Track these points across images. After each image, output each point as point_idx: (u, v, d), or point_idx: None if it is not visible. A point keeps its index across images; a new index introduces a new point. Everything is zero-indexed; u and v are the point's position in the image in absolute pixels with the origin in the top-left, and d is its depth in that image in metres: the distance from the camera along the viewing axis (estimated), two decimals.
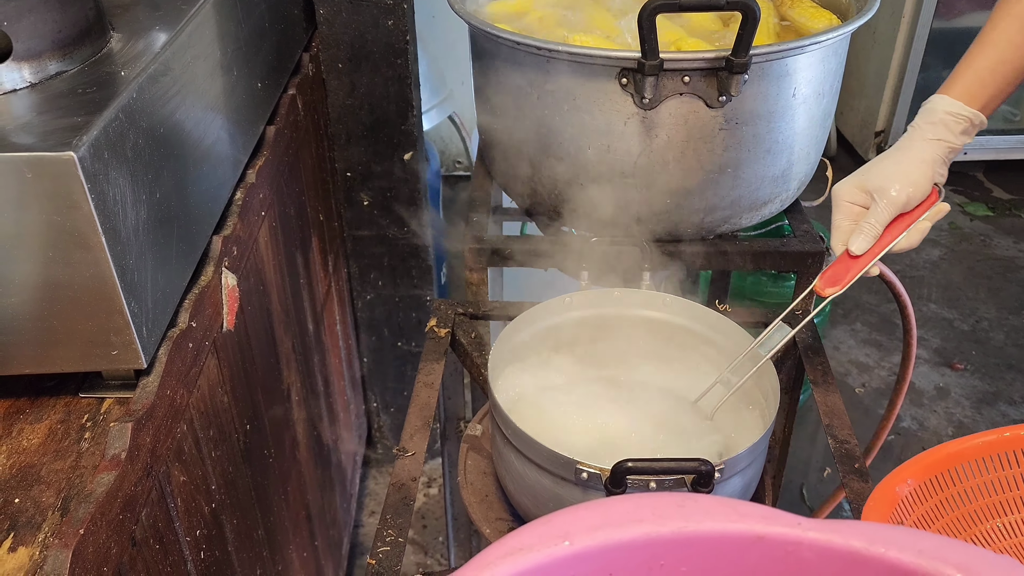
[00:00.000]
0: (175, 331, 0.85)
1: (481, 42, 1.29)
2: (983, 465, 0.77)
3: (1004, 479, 0.77)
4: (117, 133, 0.74)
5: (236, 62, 1.12)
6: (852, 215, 0.98)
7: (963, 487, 0.78)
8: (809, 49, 1.14)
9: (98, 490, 0.69)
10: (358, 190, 1.72)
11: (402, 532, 0.88)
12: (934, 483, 0.77)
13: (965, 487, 0.77)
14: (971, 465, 0.78)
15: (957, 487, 0.77)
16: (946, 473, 0.78)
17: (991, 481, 0.77)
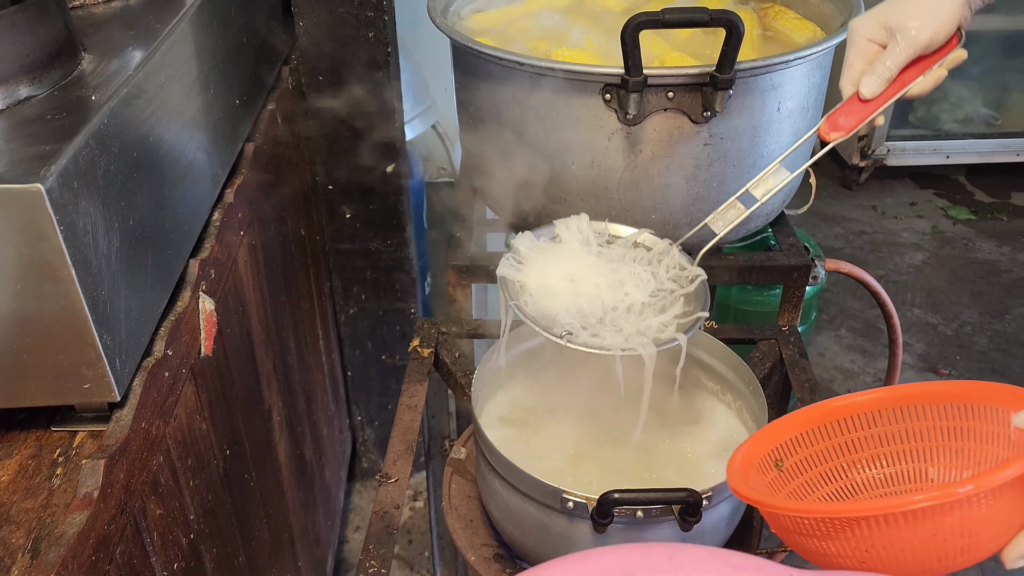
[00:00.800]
0: (150, 361, 0.83)
1: (463, 56, 1.27)
2: (870, 420, 0.79)
3: (889, 433, 0.79)
4: (87, 161, 0.72)
5: (213, 79, 1.09)
6: (868, 54, 0.89)
7: (847, 438, 0.80)
8: (794, 64, 1.14)
9: (69, 531, 0.67)
10: (340, 203, 1.70)
11: (385, 563, 0.86)
12: (820, 432, 0.80)
13: (849, 439, 0.80)
14: (859, 419, 0.80)
15: (842, 438, 0.80)
16: (833, 424, 0.80)
17: (876, 435, 0.79)
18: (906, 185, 3.46)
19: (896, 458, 0.79)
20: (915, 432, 0.78)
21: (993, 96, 3.30)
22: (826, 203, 3.33)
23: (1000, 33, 3.16)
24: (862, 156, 3.29)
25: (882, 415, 0.79)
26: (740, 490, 0.69)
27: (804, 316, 2.21)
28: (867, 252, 3.03)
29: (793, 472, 0.78)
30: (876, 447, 0.80)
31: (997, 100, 3.31)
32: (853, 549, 0.64)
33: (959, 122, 3.30)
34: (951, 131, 3.29)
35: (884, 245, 3.08)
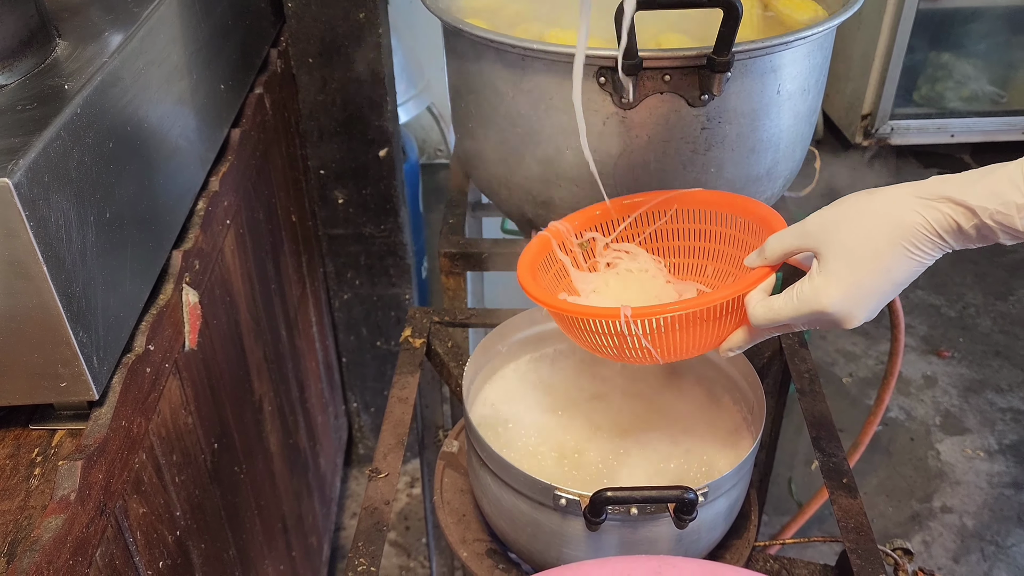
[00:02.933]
0: (130, 357, 0.81)
1: (454, 39, 1.24)
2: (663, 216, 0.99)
3: (683, 230, 0.98)
4: (59, 153, 0.70)
5: (196, 64, 1.06)
6: None
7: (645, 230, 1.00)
8: (794, 44, 1.10)
9: (45, 536, 0.65)
10: (332, 188, 1.67)
11: (375, 560, 0.84)
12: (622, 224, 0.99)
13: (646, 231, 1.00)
14: (655, 215, 0.99)
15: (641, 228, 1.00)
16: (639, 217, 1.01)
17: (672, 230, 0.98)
18: (910, 164, 3.42)
19: (684, 253, 0.97)
20: (701, 233, 0.96)
21: (999, 73, 3.25)
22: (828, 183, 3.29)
23: (1007, 9, 3.10)
24: (865, 135, 3.25)
25: (680, 214, 0.97)
26: (526, 284, 0.86)
27: None
28: None
29: (599, 252, 0.96)
30: (671, 241, 0.97)
31: (1003, 77, 3.26)
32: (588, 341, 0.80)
33: (964, 100, 3.25)
34: (956, 109, 3.25)
35: None
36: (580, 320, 0.79)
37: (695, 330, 0.77)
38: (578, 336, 0.82)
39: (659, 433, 0.92)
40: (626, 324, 0.75)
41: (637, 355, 0.79)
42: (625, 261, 0.96)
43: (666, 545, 0.81)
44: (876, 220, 0.69)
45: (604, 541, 0.81)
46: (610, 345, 0.78)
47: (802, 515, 1.83)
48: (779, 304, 0.73)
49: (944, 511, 2.00)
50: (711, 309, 0.75)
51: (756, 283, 0.76)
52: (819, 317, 0.71)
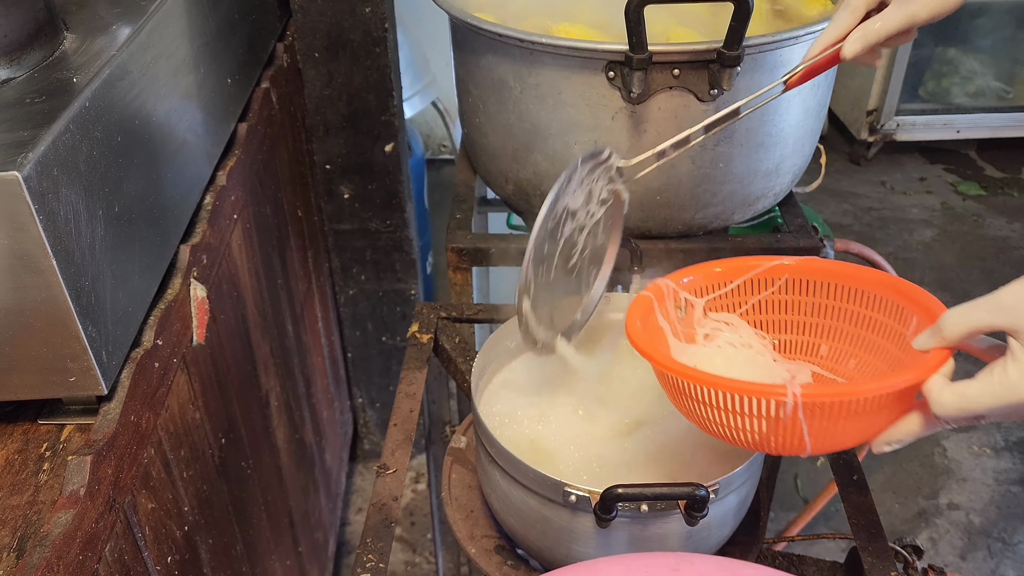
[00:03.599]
0: (139, 351, 0.81)
1: (462, 32, 1.23)
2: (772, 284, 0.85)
3: (793, 303, 0.85)
4: (68, 146, 0.69)
5: (203, 58, 1.06)
6: (858, 14, 0.85)
7: (752, 298, 0.86)
8: (804, 39, 1.10)
9: (55, 531, 0.65)
10: (338, 183, 1.67)
11: (383, 557, 0.84)
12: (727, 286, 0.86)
13: (752, 299, 0.86)
14: (765, 282, 0.85)
15: (747, 296, 0.86)
16: (745, 283, 0.86)
17: (782, 301, 0.85)
18: (915, 160, 3.41)
19: (794, 328, 0.85)
20: (817, 307, 0.83)
21: (1005, 69, 3.23)
22: (834, 179, 3.28)
23: (1014, 4, 3.08)
24: (871, 131, 3.24)
25: (790, 284, 0.84)
26: (633, 336, 0.75)
27: None
28: (876, 228, 2.99)
29: (696, 321, 0.84)
30: (778, 313, 0.85)
31: (1009, 73, 3.25)
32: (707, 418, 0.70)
33: (970, 96, 3.24)
34: (962, 105, 3.23)
35: (893, 221, 3.04)
36: (730, 397, 0.67)
37: (860, 419, 0.67)
38: (709, 414, 0.70)
39: (670, 429, 0.92)
40: (793, 407, 0.64)
41: (784, 443, 0.68)
42: (726, 333, 0.85)
43: (676, 542, 0.81)
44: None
45: (613, 538, 0.80)
46: (756, 429, 0.67)
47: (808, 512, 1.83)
48: (975, 392, 0.62)
49: (951, 508, 1.99)
50: (889, 395, 0.65)
51: (936, 368, 0.65)
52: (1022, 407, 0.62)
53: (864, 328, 0.80)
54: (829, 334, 0.83)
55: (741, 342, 0.84)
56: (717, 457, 0.88)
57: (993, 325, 0.63)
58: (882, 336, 0.78)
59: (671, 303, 0.84)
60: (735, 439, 0.70)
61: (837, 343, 0.82)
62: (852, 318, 0.81)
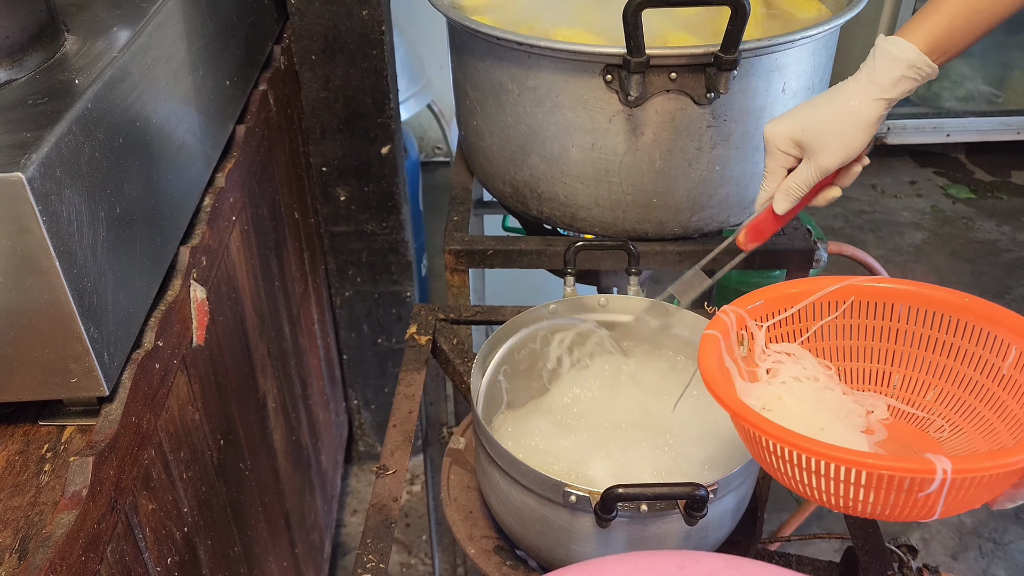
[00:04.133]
0: (140, 353, 0.81)
1: (459, 36, 1.24)
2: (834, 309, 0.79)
3: (858, 327, 0.78)
4: (71, 148, 0.69)
5: (202, 61, 1.06)
6: (784, 165, 0.90)
7: (815, 324, 0.80)
8: (800, 43, 1.11)
9: (57, 532, 0.65)
10: (334, 185, 1.67)
11: (383, 558, 0.84)
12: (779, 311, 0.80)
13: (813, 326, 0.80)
14: (827, 306, 0.79)
15: (810, 323, 0.80)
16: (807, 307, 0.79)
17: (845, 325, 0.79)
18: (906, 164, 3.43)
19: (860, 355, 0.78)
20: (888, 332, 0.76)
21: (994, 73, 3.26)
22: None
23: None
24: None
25: (855, 307, 0.78)
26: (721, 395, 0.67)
27: None
28: (867, 231, 3.01)
29: (756, 355, 0.78)
30: (842, 339, 0.79)
31: (998, 77, 3.28)
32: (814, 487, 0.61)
33: (960, 100, 3.27)
34: (952, 109, 3.26)
35: (884, 224, 3.06)
36: (859, 474, 0.57)
37: (1003, 482, 0.59)
38: (817, 482, 0.60)
39: (668, 429, 0.92)
40: (941, 483, 0.55)
41: (909, 512, 0.59)
42: (788, 366, 0.78)
43: (675, 542, 0.81)
44: None
45: (613, 538, 0.81)
46: (879, 502, 0.58)
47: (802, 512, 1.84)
48: None
49: None
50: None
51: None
52: None
53: (945, 356, 0.73)
54: (902, 361, 0.76)
55: (806, 375, 0.78)
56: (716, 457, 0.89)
57: None
58: (970, 367, 0.71)
59: (734, 338, 0.77)
60: (846, 507, 0.61)
61: (911, 371, 0.75)
62: (930, 344, 0.74)
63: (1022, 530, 1.95)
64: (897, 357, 0.76)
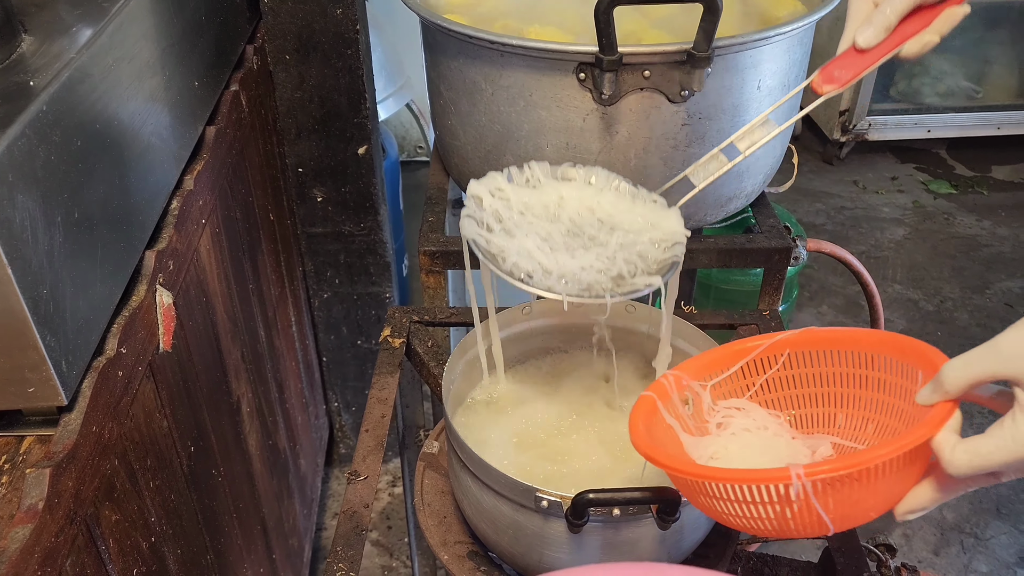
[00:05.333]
0: (101, 360, 0.79)
1: (432, 34, 1.23)
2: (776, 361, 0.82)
3: (800, 376, 0.81)
4: (24, 152, 0.68)
5: (168, 61, 1.04)
6: (869, 6, 0.81)
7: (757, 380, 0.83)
8: (774, 40, 1.10)
9: (12, 547, 0.63)
10: (311, 186, 1.65)
11: (354, 566, 0.83)
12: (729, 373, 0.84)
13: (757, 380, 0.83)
14: (769, 360, 0.82)
15: (752, 379, 0.83)
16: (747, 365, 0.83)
17: (788, 376, 0.82)
18: (887, 159, 3.44)
19: (807, 401, 0.81)
20: (826, 377, 0.79)
21: (974, 69, 3.28)
22: (807, 179, 3.31)
23: (982, 5, 3.13)
24: (843, 131, 3.27)
25: (793, 358, 0.80)
26: (643, 446, 0.71)
27: (785, 294, 2.19)
28: (848, 228, 3.02)
29: (705, 412, 0.81)
30: (788, 389, 0.81)
31: (978, 73, 3.29)
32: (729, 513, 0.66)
33: (940, 95, 3.28)
34: (932, 105, 3.27)
35: (865, 220, 3.06)
36: (736, 489, 0.64)
37: (876, 487, 0.63)
38: (721, 506, 0.66)
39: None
40: (801, 487, 0.61)
41: (802, 524, 0.64)
42: (738, 419, 0.81)
43: (649, 546, 0.80)
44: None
45: (586, 543, 0.80)
46: (770, 516, 0.64)
47: None
48: (988, 449, 0.59)
49: None
50: (897, 459, 0.62)
51: (941, 423, 0.62)
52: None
53: (875, 390, 0.76)
54: (843, 402, 0.79)
55: (756, 425, 0.80)
56: None
57: (995, 375, 0.60)
58: (894, 396, 0.74)
59: (676, 397, 0.81)
60: (756, 528, 0.66)
61: (853, 410, 0.79)
62: (861, 382, 0.77)
63: (1003, 525, 1.96)
64: (838, 398, 0.79)
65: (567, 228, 0.82)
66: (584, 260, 0.79)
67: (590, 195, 0.86)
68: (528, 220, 0.83)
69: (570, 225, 0.83)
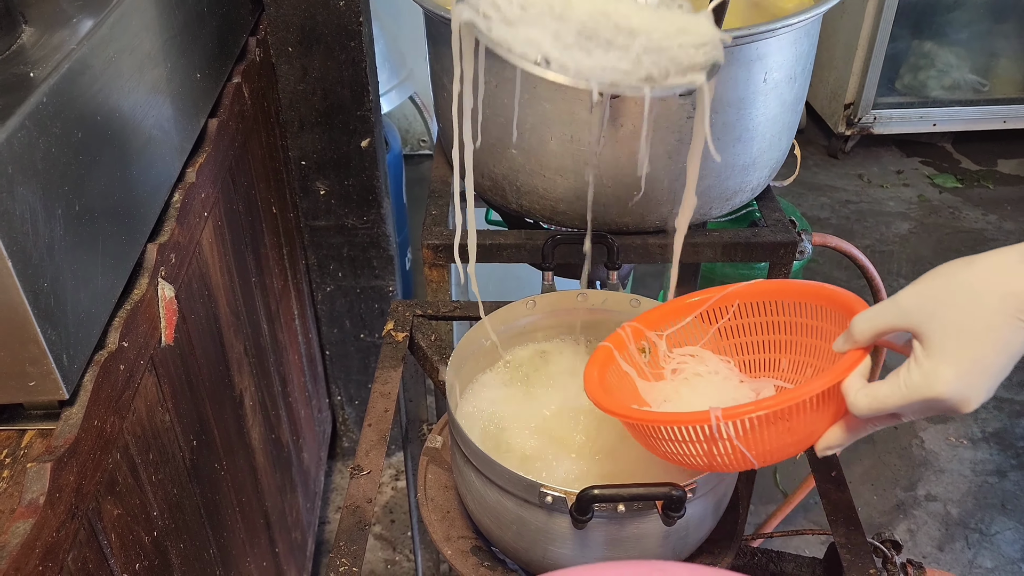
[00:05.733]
0: (103, 354, 0.78)
1: (436, 26, 1.22)
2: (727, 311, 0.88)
3: (749, 325, 0.88)
4: (24, 144, 0.67)
5: (170, 53, 1.04)
6: None
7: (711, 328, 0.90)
8: (780, 32, 1.09)
9: (12, 542, 0.63)
10: (314, 179, 1.64)
11: (356, 561, 0.83)
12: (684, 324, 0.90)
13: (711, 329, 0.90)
14: (719, 311, 0.89)
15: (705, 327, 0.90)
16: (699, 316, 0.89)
17: (739, 325, 0.88)
18: (892, 153, 3.43)
19: (755, 348, 0.88)
20: (772, 325, 0.86)
21: (980, 62, 3.26)
22: (812, 172, 3.29)
23: None
24: (848, 124, 3.25)
25: (742, 308, 0.87)
26: (592, 392, 0.78)
27: None
28: (853, 221, 3.00)
29: (661, 359, 0.88)
30: (738, 337, 0.88)
31: (985, 66, 3.27)
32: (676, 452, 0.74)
33: (946, 89, 3.26)
34: (938, 98, 3.25)
35: (870, 214, 3.05)
36: (666, 429, 0.72)
37: (792, 426, 0.70)
38: (660, 446, 0.74)
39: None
40: (718, 427, 0.68)
41: (729, 460, 0.72)
42: (692, 365, 0.87)
43: (653, 542, 0.80)
44: (981, 292, 0.62)
45: (590, 539, 0.79)
46: (700, 453, 0.72)
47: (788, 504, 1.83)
48: (884, 392, 0.66)
49: (928, 499, 2.01)
50: (807, 401, 0.68)
51: (849, 369, 0.68)
52: (932, 404, 0.64)
53: (813, 337, 0.83)
54: (786, 348, 0.86)
55: (707, 371, 0.87)
56: None
57: (894, 326, 0.67)
58: (828, 342, 0.80)
59: (633, 347, 0.87)
60: (693, 464, 0.74)
61: (794, 355, 0.85)
62: (802, 330, 0.84)
63: (1008, 521, 1.95)
64: (782, 345, 0.86)
65: (577, 29, 0.70)
66: (604, 60, 0.69)
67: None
68: (531, 15, 0.70)
69: (580, 27, 0.70)
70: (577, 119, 1.11)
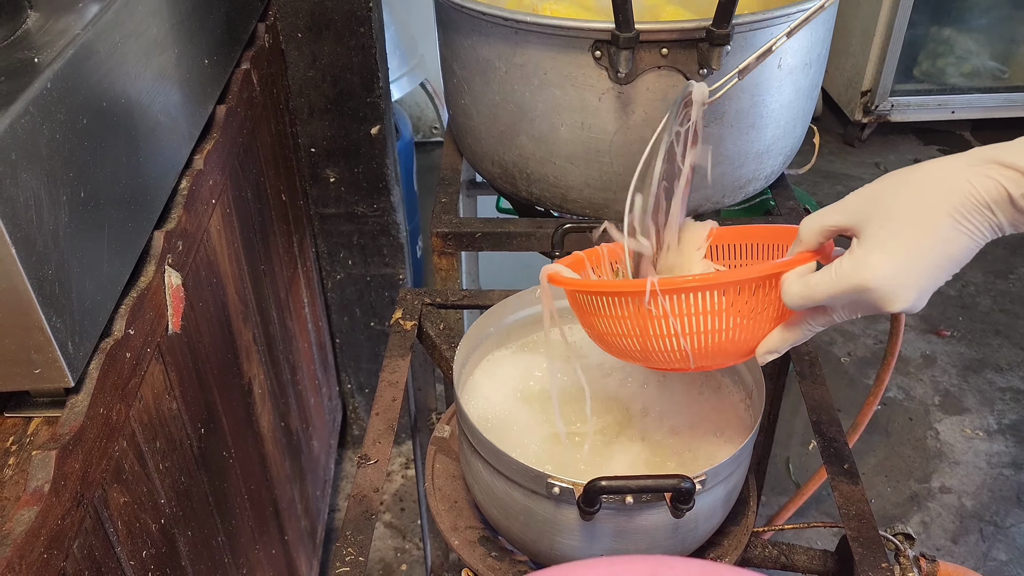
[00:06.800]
0: (109, 341, 0.78)
1: (445, 12, 1.20)
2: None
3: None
4: (27, 130, 0.66)
5: (178, 38, 1.03)
6: None
7: None
8: (795, 16, 1.07)
9: (17, 530, 0.62)
10: (323, 166, 1.64)
11: (363, 550, 0.82)
12: None
13: None
14: None
15: None
16: None
17: None
18: (910, 141, 3.38)
19: None
20: (738, 266, 0.87)
21: (1000, 49, 3.20)
22: (828, 160, 3.26)
23: None
24: (865, 112, 3.21)
25: (712, 251, 0.87)
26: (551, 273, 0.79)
27: None
28: None
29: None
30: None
31: (1005, 53, 3.21)
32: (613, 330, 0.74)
33: (965, 76, 3.21)
34: (956, 85, 3.20)
35: None
36: (601, 300, 0.72)
37: (731, 316, 0.70)
38: (598, 324, 0.74)
39: (655, 418, 0.90)
40: (652, 298, 0.68)
41: (664, 348, 0.72)
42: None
43: (662, 534, 0.79)
44: (922, 188, 0.63)
45: (598, 530, 0.79)
46: (635, 333, 0.71)
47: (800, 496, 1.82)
48: (816, 280, 0.66)
49: (943, 491, 1.99)
50: (745, 284, 0.69)
51: (792, 264, 0.69)
52: (861, 295, 0.64)
53: None
54: None
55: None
56: (705, 447, 0.87)
57: (838, 225, 0.68)
58: None
59: (607, 265, 0.88)
60: (630, 353, 0.75)
61: None
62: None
63: (1023, 513, 1.93)
64: None
65: None
66: None
67: None
68: None
69: None
70: (588, 106, 1.10)
